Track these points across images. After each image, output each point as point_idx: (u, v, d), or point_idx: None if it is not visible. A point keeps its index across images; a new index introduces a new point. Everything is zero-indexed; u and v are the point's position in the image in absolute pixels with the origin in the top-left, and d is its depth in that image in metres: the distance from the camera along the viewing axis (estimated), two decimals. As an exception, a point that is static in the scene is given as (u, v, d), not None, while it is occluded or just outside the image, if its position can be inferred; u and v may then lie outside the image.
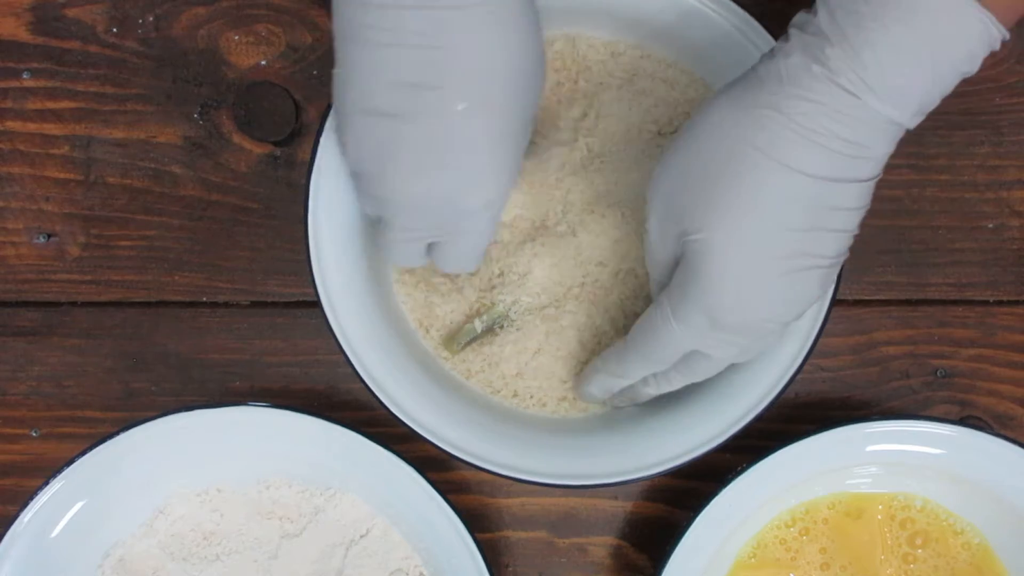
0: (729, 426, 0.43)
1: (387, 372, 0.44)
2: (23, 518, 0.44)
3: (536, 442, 0.45)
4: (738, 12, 0.44)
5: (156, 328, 0.50)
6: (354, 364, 0.43)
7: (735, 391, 0.44)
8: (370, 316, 0.45)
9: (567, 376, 0.47)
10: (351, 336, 0.44)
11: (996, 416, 0.50)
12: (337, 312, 0.44)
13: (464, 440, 0.44)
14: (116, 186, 0.50)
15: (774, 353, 0.44)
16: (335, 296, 0.44)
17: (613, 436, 0.45)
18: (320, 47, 0.50)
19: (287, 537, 0.47)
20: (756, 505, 0.45)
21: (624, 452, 0.44)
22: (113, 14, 0.50)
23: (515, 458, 0.44)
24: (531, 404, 0.47)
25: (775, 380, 0.43)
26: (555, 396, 0.47)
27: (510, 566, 0.49)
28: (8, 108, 0.50)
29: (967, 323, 0.50)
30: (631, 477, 0.43)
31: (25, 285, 0.50)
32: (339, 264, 0.44)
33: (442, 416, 0.44)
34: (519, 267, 0.46)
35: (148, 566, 0.47)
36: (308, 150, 0.50)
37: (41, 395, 0.50)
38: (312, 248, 0.44)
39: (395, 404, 0.44)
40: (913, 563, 0.47)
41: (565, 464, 0.44)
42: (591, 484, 0.44)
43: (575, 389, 0.46)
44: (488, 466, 0.43)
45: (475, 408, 0.46)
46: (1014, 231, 0.50)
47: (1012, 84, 0.50)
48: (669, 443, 0.44)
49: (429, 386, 0.45)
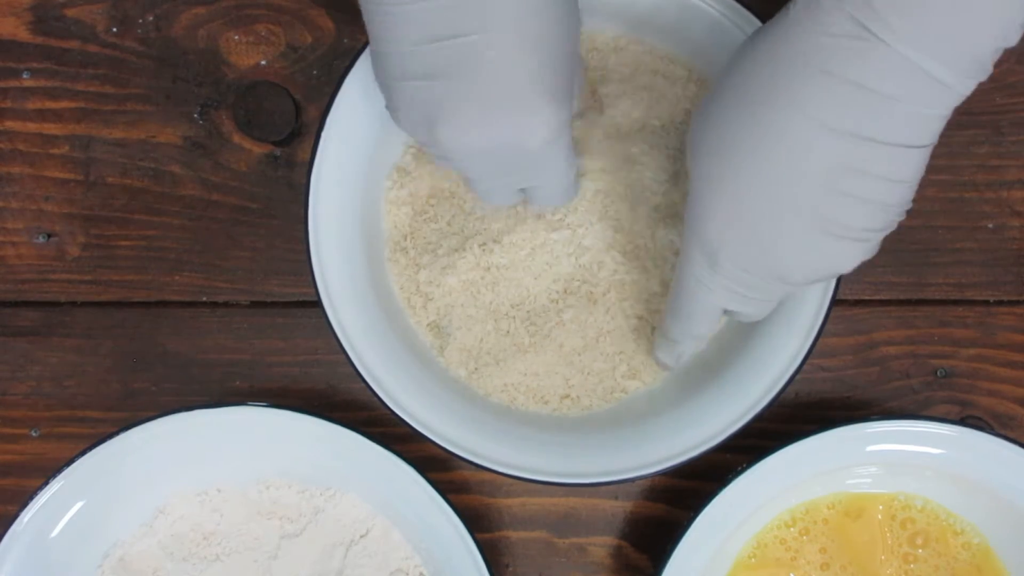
0: (730, 424, 0.43)
1: (388, 371, 0.44)
2: (23, 518, 0.44)
3: (536, 439, 0.45)
4: (739, 9, 0.44)
5: (156, 328, 0.50)
6: (354, 362, 0.43)
7: (735, 390, 0.44)
8: (370, 315, 0.45)
9: (571, 373, 0.47)
10: (351, 334, 0.44)
11: (996, 416, 0.50)
12: (337, 310, 0.44)
13: (465, 438, 0.44)
14: (116, 186, 0.50)
15: (774, 352, 0.44)
16: (335, 295, 0.44)
17: (615, 433, 0.45)
18: (320, 47, 0.50)
19: (287, 537, 0.47)
20: (756, 505, 0.45)
21: (625, 450, 0.44)
22: (113, 14, 0.50)
23: (516, 456, 0.44)
24: (531, 402, 0.47)
25: (775, 378, 0.43)
26: (558, 394, 0.47)
27: (510, 566, 0.49)
28: (8, 108, 0.50)
29: (967, 323, 0.50)
30: (633, 475, 0.43)
31: (25, 285, 0.50)
32: (339, 263, 0.44)
33: (443, 414, 0.44)
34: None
35: (148, 566, 0.47)
36: (308, 150, 0.50)
37: (41, 395, 0.50)
38: (312, 247, 0.44)
39: (396, 403, 0.44)
40: (913, 563, 0.47)
41: (566, 462, 0.44)
42: (591, 483, 0.44)
43: (652, 353, 0.46)
44: (489, 464, 0.43)
45: (474, 406, 0.46)
46: (1014, 231, 0.50)
47: (1012, 84, 0.50)
48: (670, 441, 0.44)
49: (431, 384, 0.45)
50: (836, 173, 0.33)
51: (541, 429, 0.46)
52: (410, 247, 0.47)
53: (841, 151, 0.32)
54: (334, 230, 0.44)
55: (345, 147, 0.44)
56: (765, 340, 0.44)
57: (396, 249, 0.47)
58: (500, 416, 0.46)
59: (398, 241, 0.47)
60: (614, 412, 0.47)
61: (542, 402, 0.47)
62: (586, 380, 0.47)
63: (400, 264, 0.47)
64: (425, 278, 0.46)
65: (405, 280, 0.47)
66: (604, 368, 0.46)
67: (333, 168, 0.43)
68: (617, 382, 0.47)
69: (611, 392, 0.47)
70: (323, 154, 0.43)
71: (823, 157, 0.33)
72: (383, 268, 0.47)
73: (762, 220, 0.35)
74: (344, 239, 0.44)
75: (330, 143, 0.43)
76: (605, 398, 0.47)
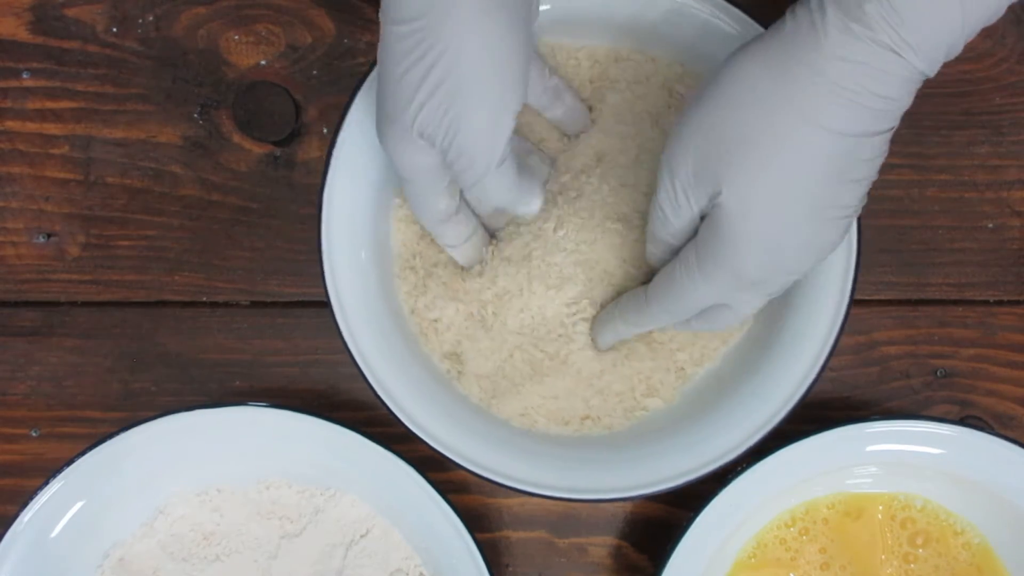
0: (751, 435, 0.44)
1: (396, 380, 0.44)
2: (23, 518, 0.44)
3: (550, 455, 0.45)
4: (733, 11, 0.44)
5: (156, 328, 0.50)
6: (358, 361, 0.44)
7: (755, 400, 0.44)
8: (377, 318, 0.45)
9: (591, 395, 0.46)
10: (358, 337, 0.44)
11: (996, 416, 0.50)
12: (346, 311, 0.44)
13: (476, 452, 0.44)
14: (116, 186, 0.50)
15: (796, 357, 0.44)
16: (344, 295, 0.44)
17: (637, 450, 0.45)
18: (320, 47, 0.50)
19: (287, 537, 0.47)
20: (756, 505, 0.45)
21: (647, 463, 0.44)
22: (113, 14, 0.50)
23: (529, 471, 0.44)
24: (552, 424, 0.47)
25: (797, 383, 0.44)
26: (578, 415, 0.47)
27: (510, 566, 0.49)
28: (8, 108, 0.50)
29: (967, 323, 0.50)
30: (652, 490, 0.44)
31: (25, 285, 0.50)
32: (350, 265, 0.44)
33: (465, 435, 0.44)
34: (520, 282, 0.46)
35: (148, 566, 0.47)
36: (308, 150, 0.50)
37: (41, 395, 0.50)
38: (324, 245, 0.44)
39: (409, 417, 0.44)
40: (913, 563, 0.47)
41: (578, 478, 0.44)
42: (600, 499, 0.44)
43: (591, 333, 0.46)
44: (505, 480, 0.43)
45: (481, 418, 0.46)
46: (1014, 231, 0.50)
47: (1012, 84, 0.50)
48: (683, 457, 0.44)
49: (452, 406, 0.45)
50: (839, 168, 0.35)
51: (553, 444, 0.46)
52: (419, 266, 0.47)
53: (844, 149, 0.35)
54: (345, 229, 0.44)
55: (359, 155, 0.45)
56: (782, 351, 0.44)
57: (405, 267, 0.47)
58: (519, 434, 0.46)
59: (407, 259, 0.47)
60: (635, 430, 0.47)
61: (563, 423, 0.47)
62: (605, 401, 0.47)
63: (409, 282, 0.47)
64: (429, 303, 0.46)
65: (415, 303, 0.47)
66: (623, 389, 0.47)
67: (348, 164, 0.44)
68: (637, 401, 0.47)
69: (631, 411, 0.47)
70: (337, 158, 0.44)
71: (830, 158, 0.35)
72: (392, 284, 0.47)
73: (791, 231, 0.37)
74: (356, 241, 0.45)
75: (346, 141, 0.44)
76: (627, 416, 0.47)
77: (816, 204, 0.36)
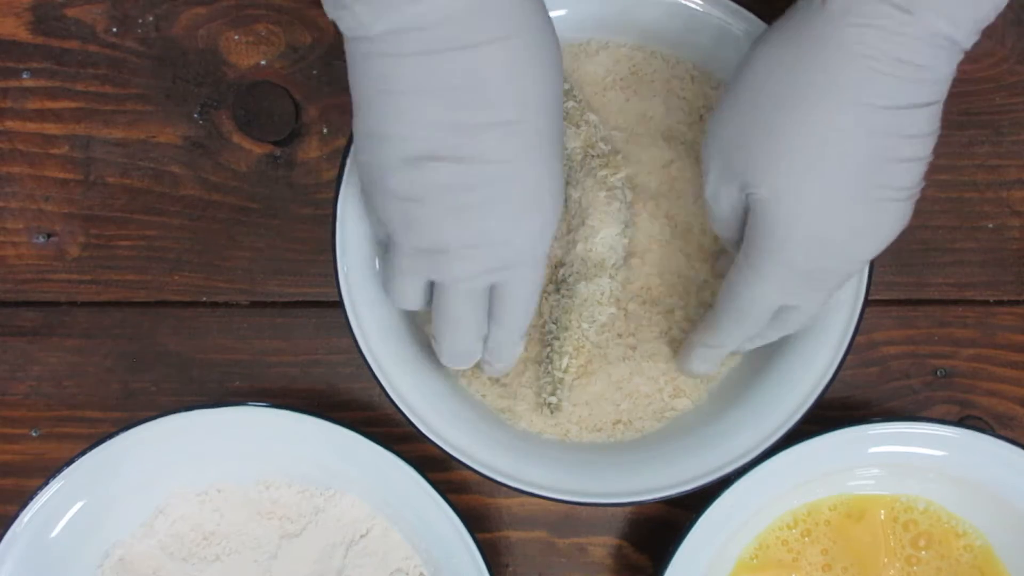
0: (775, 430, 0.43)
1: (412, 385, 0.44)
2: (23, 518, 0.44)
3: (566, 460, 0.45)
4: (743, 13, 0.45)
5: (156, 328, 0.50)
6: (368, 360, 0.43)
7: (777, 396, 0.44)
8: (390, 320, 0.44)
9: (621, 399, 0.46)
10: (369, 337, 0.44)
11: (996, 416, 0.49)
12: (358, 313, 0.43)
13: (490, 457, 0.44)
14: (116, 186, 0.50)
15: (815, 354, 0.44)
16: (356, 294, 0.44)
17: (665, 448, 0.45)
18: (320, 47, 0.50)
19: (287, 537, 0.47)
20: (758, 506, 0.45)
21: (677, 463, 0.44)
22: (113, 14, 0.50)
23: (546, 476, 0.44)
24: (585, 432, 0.47)
25: (820, 375, 0.44)
26: (610, 420, 0.47)
27: (510, 566, 0.49)
28: (8, 108, 0.50)
29: (967, 323, 0.50)
30: (680, 489, 0.44)
31: (25, 285, 0.50)
32: (362, 265, 0.44)
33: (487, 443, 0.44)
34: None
35: (148, 566, 0.47)
36: (308, 150, 0.50)
37: (41, 395, 0.50)
38: (338, 245, 0.43)
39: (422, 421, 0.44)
40: (916, 565, 0.47)
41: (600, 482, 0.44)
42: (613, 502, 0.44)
43: (679, 368, 0.46)
44: (522, 486, 0.43)
45: (493, 422, 0.46)
46: (1014, 231, 0.50)
47: (1012, 84, 0.50)
48: (694, 463, 0.44)
49: (467, 412, 0.45)
50: (883, 144, 0.34)
51: (576, 449, 0.46)
52: None
53: (881, 125, 0.34)
54: (360, 246, 0.44)
55: None
56: (801, 347, 0.44)
57: None
58: (529, 435, 0.46)
59: None
60: (665, 432, 0.47)
61: (595, 430, 0.47)
62: (635, 405, 0.47)
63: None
64: None
65: None
66: (651, 391, 0.47)
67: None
68: (666, 402, 0.47)
69: (662, 412, 0.47)
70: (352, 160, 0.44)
71: (865, 134, 0.34)
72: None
73: (836, 215, 0.36)
74: (368, 254, 0.44)
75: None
76: (657, 418, 0.47)
77: (860, 185, 0.35)
